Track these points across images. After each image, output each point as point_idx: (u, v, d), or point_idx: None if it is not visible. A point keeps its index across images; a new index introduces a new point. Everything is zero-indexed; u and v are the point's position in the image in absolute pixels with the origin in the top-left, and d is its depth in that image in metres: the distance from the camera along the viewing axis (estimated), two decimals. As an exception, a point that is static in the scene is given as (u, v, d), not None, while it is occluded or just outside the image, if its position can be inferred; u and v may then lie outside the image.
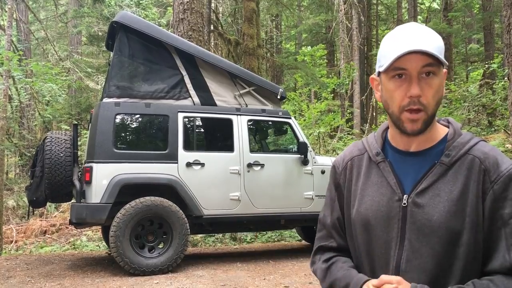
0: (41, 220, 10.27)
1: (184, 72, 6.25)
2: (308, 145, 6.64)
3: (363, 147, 1.37)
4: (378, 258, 1.25)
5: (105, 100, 5.89)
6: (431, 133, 1.24)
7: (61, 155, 5.83)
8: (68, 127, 12.08)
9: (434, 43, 1.16)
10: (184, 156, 5.95)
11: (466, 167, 1.18)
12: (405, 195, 1.22)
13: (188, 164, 5.93)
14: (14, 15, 12.39)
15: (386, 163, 1.28)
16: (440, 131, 1.26)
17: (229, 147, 6.29)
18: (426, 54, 1.14)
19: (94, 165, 5.57)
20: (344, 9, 16.26)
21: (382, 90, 1.25)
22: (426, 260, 1.17)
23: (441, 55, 1.16)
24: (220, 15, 17.23)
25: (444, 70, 1.21)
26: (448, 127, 1.27)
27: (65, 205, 10.47)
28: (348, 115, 15.32)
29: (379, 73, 1.25)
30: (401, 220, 1.21)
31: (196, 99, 6.26)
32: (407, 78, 1.17)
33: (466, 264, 1.15)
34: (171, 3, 12.47)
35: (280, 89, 6.78)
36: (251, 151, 6.40)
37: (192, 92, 6.26)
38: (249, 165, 6.22)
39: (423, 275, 1.17)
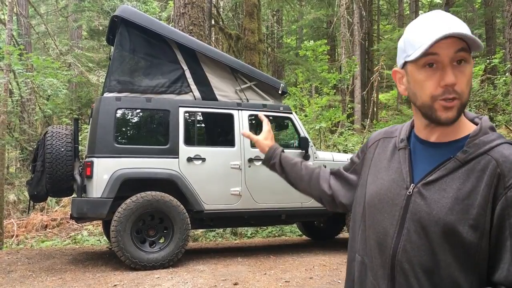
0: (42, 215, 10.29)
1: (185, 67, 6.24)
2: (309, 140, 6.63)
3: (396, 132, 1.36)
4: (375, 243, 1.24)
5: (106, 94, 5.88)
6: (455, 127, 1.19)
7: (62, 149, 5.82)
8: (69, 122, 12.07)
9: (466, 28, 1.11)
10: (185, 151, 5.94)
11: (480, 167, 1.11)
12: (412, 184, 1.20)
13: (189, 159, 5.92)
14: (15, 9, 12.35)
15: (406, 151, 1.27)
16: (468, 127, 1.20)
17: (230, 142, 6.28)
18: (459, 39, 1.10)
19: (95, 159, 5.57)
20: (346, 3, 16.22)
21: (409, 82, 1.20)
22: (422, 254, 1.13)
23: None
24: (221, 9, 17.17)
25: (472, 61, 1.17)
26: (478, 125, 1.21)
27: (66, 200, 10.49)
28: (349, 110, 15.30)
29: (403, 64, 1.20)
30: (403, 208, 1.18)
31: (197, 94, 6.25)
32: (439, 67, 1.12)
33: (467, 268, 1.10)
34: (172, -2, 12.42)
35: (281, 84, 6.76)
36: (252, 146, 6.38)
37: (193, 86, 6.24)
38: (250, 160, 6.21)
39: (418, 268, 1.14)
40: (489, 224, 1.09)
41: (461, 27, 1.10)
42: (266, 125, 1.84)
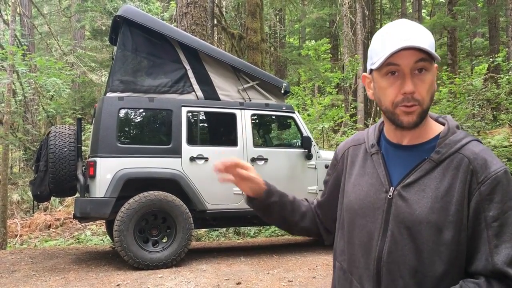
0: (46, 214, 10.32)
1: (187, 66, 6.24)
2: (312, 139, 6.63)
3: (363, 138, 1.40)
4: (358, 247, 1.28)
5: (109, 94, 5.89)
6: (425, 129, 1.25)
7: (65, 149, 5.84)
8: (72, 122, 12.10)
9: (426, 39, 1.17)
10: (188, 150, 5.95)
11: (454, 166, 1.18)
12: (391, 187, 1.24)
13: (192, 159, 5.93)
14: (18, 10, 12.36)
15: (379, 155, 1.30)
16: (435, 128, 1.27)
17: (233, 142, 6.28)
18: (418, 50, 1.15)
19: (98, 159, 5.58)
20: (348, 3, 16.19)
21: (374, 87, 1.26)
22: (407, 253, 1.17)
23: (432, 50, 1.17)
24: (224, 9, 17.17)
25: (435, 65, 1.22)
26: (444, 125, 1.27)
27: (69, 200, 10.52)
28: (352, 109, 15.28)
29: (371, 70, 1.25)
30: (385, 211, 1.23)
31: (200, 94, 6.25)
32: (400, 75, 1.18)
33: (448, 263, 1.15)
34: (175, -3, 12.41)
35: (283, 84, 6.76)
36: (255, 145, 6.39)
37: (195, 86, 6.25)
38: (253, 160, 6.21)
39: (403, 267, 1.18)
40: (466, 219, 1.16)
41: (420, 39, 1.16)
42: (246, 163, 1.48)
